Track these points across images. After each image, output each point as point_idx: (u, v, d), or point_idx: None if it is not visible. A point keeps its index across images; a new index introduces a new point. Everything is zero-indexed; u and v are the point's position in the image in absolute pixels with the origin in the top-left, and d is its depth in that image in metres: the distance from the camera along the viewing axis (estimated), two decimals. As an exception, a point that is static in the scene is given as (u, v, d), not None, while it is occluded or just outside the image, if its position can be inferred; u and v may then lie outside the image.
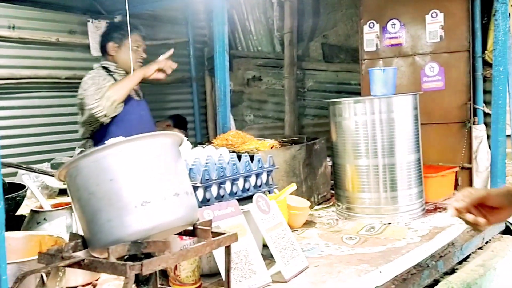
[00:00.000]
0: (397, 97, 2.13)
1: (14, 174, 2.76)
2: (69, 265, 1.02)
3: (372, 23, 3.39)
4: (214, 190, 1.60)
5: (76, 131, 3.96)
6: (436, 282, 1.73)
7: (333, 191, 2.49)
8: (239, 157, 1.77)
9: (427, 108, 3.00)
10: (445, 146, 3.10)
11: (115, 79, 2.84)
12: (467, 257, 1.96)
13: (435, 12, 3.19)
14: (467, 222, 1.21)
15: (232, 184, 1.67)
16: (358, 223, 2.11)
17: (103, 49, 3.00)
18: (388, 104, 2.09)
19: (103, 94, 2.71)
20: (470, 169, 3.01)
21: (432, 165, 2.66)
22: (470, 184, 3.11)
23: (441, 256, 1.78)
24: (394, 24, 3.32)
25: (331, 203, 2.48)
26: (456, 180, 2.79)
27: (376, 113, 2.09)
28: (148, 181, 1.04)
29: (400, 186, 2.11)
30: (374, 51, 3.41)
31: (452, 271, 1.84)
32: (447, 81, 3.17)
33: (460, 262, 1.90)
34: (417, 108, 2.18)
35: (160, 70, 2.84)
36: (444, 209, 2.31)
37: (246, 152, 2.11)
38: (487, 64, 3.17)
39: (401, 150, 2.11)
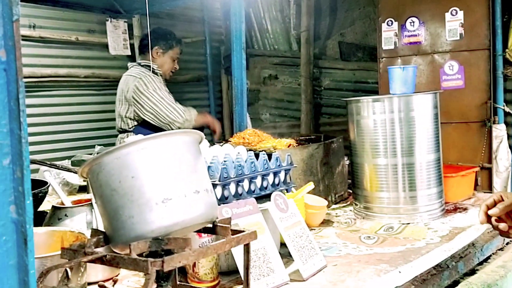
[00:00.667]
0: (417, 96, 2.11)
1: (36, 171, 2.81)
2: (92, 261, 1.04)
3: (391, 21, 3.36)
4: (232, 188, 1.60)
5: (95, 129, 4.03)
6: (456, 283, 1.71)
7: (350, 190, 2.48)
8: (256, 156, 1.77)
9: (446, 107, 2.97)
10: (464, 146, 3.06)
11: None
12: (488, 258, 1.93)
13: (455, 10, 3.15)
14: (496, 228, 1.18)
15: (250, 182, 1.67)
16: (376, 223, 2.09)
17: (145, 48, 3.15)
18: (407, 103, 2.07)
19: (190, 118, 3.04)
20: (490, 169, 2.97)
21: (452, 164, 2.63)
22: (490, 184, 3.07)
23: (461, 257, 1.76)
24: (413, 22, 3.28)
25: (348, 202, 2.46)
26: (476, 180, 2.75)
27: (395, 112, 2.07)
28: (169, 178, 1.06)
29: (419, 186, 2.09)
30: (392, 49, 3.39)
31: (472, 272, 1.82)
32: (467, 79, 3.13)
33: (480, 263, 1.87)
34: (437, 107, 2.15)
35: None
36: (464, 209, 2.28)
37: (263, 150, 2.11)
38: (507, 63, 3.12)
39: (421, 150, 2.08)
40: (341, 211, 2.34)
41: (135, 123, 3.03)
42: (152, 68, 3.11)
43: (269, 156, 1.80)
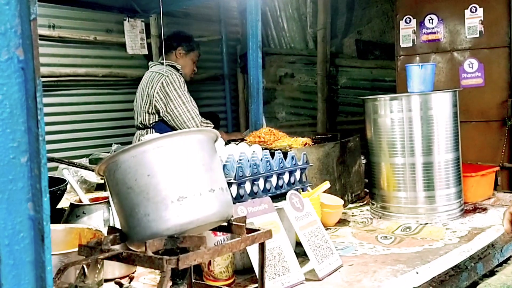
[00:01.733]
0: (436, 94, 2.08)
1: (55, 168, 2.85)
2: (108, 258, 1.05)
3: (409, 18, 3.32)
4: (247, 186, 1.60)
5: (112, 128, 4.07)
6: (475, 284, 1.68)
7: (367, 190, 2.46)
8: (272, 154, 1.77)
9: (466, 105, 2.92)
10: (484, 145, 3.01)
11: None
12: (507, 259, 1.89)
13: (475, 7, 3.09)
14: None
15: (266, 181, 1.67)
16: (394, 223, 2.07)
17: (170, 47, 3.24)
18: (426, 101, 2.05)
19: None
20: (510, 169, 2.91)
21: (471, 164, 2.58)
22: (510, 184, 3.01)
23: (480, 258, 1.73)
24: (432, 19, 3.24)
25: (365, 202, 2.44)
26: (496, 180, 2.70)
27: (414, 110, 2.04)
28: (185, 176, 1.06)
29: (437, 186, 2.06)
30: (410, 47, 3.34)
31: (492, 273, 1.78)
32: (487, 77, 3.08)
33: (500, 264, 1.84)
34: (456, 105, 2.12)
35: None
36: (484, 209, 2.24)
37: (279, 149, 2.10)
38: (530, 60, 3.05)
39: (439, 149, 2.06)
40: (357, 210, 2.32)
41: (157, 118, 3.09)
42: (176, 67, 3.19)
43: (285, 155, 1.79)
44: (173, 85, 3.03)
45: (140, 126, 3.15)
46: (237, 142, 2.19)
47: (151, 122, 3.10)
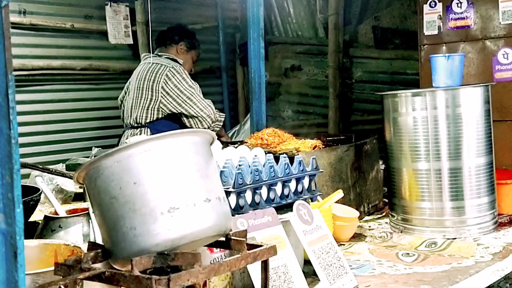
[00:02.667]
0: (464, 89, 2.08)
1: (27, 176, 2.86)
2: (89, 278, 1.06)
3: (434, 1, 3.33)
4: (248, 196, 1.61)
5: (93, 129, 4.09)
6: (511, 308, 1.68)
7: (386, 200, 2.47)
8: (276, 159, 1.77)
9: (500, 102, 2.92)
10: (522, 148, 3.01)
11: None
12: (549, 280, 1.89)
13: (510, -12, 3.10)
14: None
15: (269, 189, 1.67)
16: (417, 237, 2.08)
17: (171, 40, 3.35)
18: (453, 97, 2.05)
19: (221, 120, 3.35)
20: (552, 175, 2.90)
21: (507, 170, 2.58)
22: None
23: (517, 278, 1.74)
24: (460, 2, 3.25)
25: (383, 214, 2.45)
26: (536, 188, 2.70)
27: (439, 108, 2.05)
28: (176, 184, 1.07)
29: (467, 195, 2.07)
30: (435, 34, 3.35)
31: (530, 296, 1.79)
32: (524, 69, 3.08)
33: (540, 286, 1.84)
34: (488, 102, 2.13)
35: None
36: (521, 222, 2.24)
37: (284, 153, 2.11)
38: None
39: (469, 152, 2.06)
40: (375, 223, 2.33)
41: (155, 116, 3.13)
42: (177, 61, 3.28)
43: (291, 159, 1.80)
44: (181, 75, 3.16)
45: (134, 124, 3.18)
46: (236, 145, 2.20)
47: (148, 120, 3.14)
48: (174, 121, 3.18)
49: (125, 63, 4.19)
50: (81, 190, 2.54)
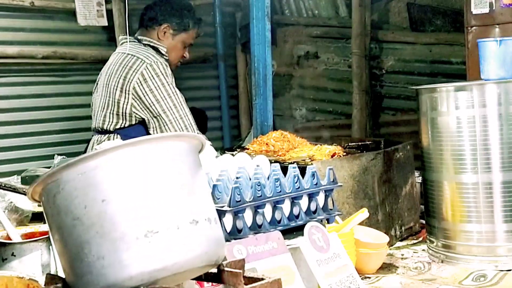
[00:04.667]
0: (522, 82, 2.08)
1: (-28, 191, 2.87)
2: (45, 319, 1.06)
3: (484, -28, 3.33)
4: (248, 216, 1.61)
5: (55, 132, 4.09)
6: None
7: (423, 221, 2.46)
8: (284, 170, 1.77)
9: None
10: None
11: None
12: None
13: None
14: None
15: (274, 208, 1.67)
16: (462, 269, 2.07)
17: (152, 21, 3.22)
18: (507, 92, 2.05)
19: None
20: None
21: None
22: None
23: None
24: (518, -27, 3.24)
25: (420, 239, 2.45)
26: None
27: (490, 106, 2.05)
28: (155, 202, 1.07)
29: (525, 215, 2.06)
30: (486, 13, 3.34)
31: None
32: None
33: None
34: (553, 99, 2.12)
35: None
36: None
37: (294, 162, 2.11)
38: None
39: (527, 161, 2.06)
40: (409, 251, 2.33)
41: (127, 123, 3.04)
42: (160, 50, 3.18)
43: (303, 170, 1.80)
44: (159, 78, 3.00)
45: (99, 129, 3.13)
46: (234, 152, 2.20)
47: (118, 126, 3.06)
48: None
49: (98, 49, 4.18)
50: (41, 209, 2.55)
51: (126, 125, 3.06)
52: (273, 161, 2.10)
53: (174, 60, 3.27)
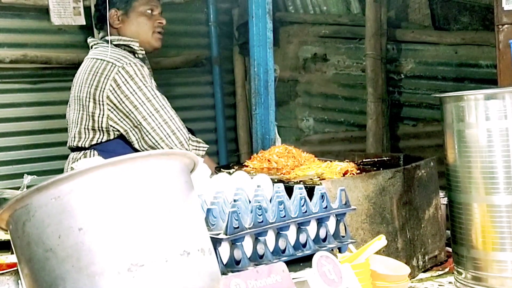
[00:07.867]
0: (561, 89, 2.08)
1: None
2: None
3: (517, -37, 3.35)
4: (247, 245, 1.60)
5: (26, 147, 4.10)
6: None
7: (450, 249, 2.45)
8: (289, 191, 1.77)
9: None
10: None
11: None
12: None
13: None
14: None
15: (278, 236, 1.67)
16: (494, 305, 2.07)
17: (101, 22, 3.21)
18: (544, 101, 2.05)
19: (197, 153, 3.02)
20: None
21: None
22: None
23: None
24: (555, -37, 3.26)
25: (446, 269, 2.44)
26: None
27: (525, 116, 2.05)
28: (139, 231, 1.07)
29: None
30: (519, 10, 3.36)
31: None
32: None
33: None
34: None
35: None
36: None
37: (301, 181, 2.11)
38: None
39: None
40: (434, 283, 2.32)
41: (105, 137, 3.01)
42: (132, 47, 3.14)
43: (311, 191, 1.79)
44: (134, 81, 2.96)
45: (74, 147, 3.12)
46: (231, 170, 2.19)
47: (94, 142, 3.05)
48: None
49: (74, 52, 4.20)
50: (9, 237, 2.54)
51: (103, 140, 3.03)
52: (276, 180, 2.09)
53: (149, 38, 3.18)
